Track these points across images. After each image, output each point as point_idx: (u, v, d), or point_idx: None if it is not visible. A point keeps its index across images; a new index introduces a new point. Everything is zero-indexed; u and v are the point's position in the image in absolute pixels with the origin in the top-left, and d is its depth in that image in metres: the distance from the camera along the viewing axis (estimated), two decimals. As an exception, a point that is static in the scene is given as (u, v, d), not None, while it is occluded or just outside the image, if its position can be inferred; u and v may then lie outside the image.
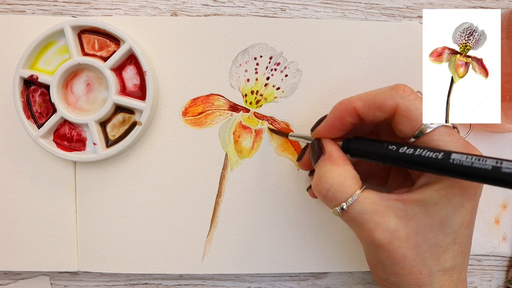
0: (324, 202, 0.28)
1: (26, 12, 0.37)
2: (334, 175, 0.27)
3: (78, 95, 0.34)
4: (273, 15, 0.37)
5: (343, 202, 0.27)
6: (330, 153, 0.29)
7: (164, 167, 0.36)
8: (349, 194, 0.26)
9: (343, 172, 0.27)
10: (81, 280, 0.38)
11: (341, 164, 0.28)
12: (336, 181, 0.27)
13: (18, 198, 0.36)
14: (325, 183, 0.27)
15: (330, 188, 0.27)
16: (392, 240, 0.26)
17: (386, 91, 0.28)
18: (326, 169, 0.28)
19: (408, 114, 0.27)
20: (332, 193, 0.27)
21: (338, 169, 0.27)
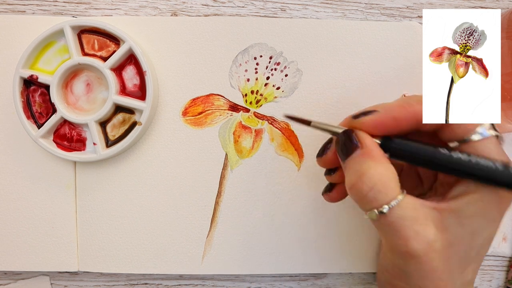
0: (361, 202, 0.25)
1: (26, 12, 0.37)
2: (377, 173, 0.24)
3: (78, 95, 0.34)
4: (273, 15, 0.37)
5: (385, 204, 0.24)
6: (369, 148, 0.26)
7: (164, 167, 0.36)
8: (392, 196, 0.24)
9: (386, 172, 0.25)
10: (81, 280, 0.38)
11: (384, 162, 0.25)
12: (380, 181, 0.24)
13: (18, 198, 0.36)
14: (368, 181, 0.24)
15: (374, 187, 0.24)
16: (429, 252, 0.24)
17: None
18: (367, 165, 0.25)
19: None
20: (374, 194, 0.24)
21: (381, 167, 0.25)
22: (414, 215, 0.24)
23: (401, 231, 0.24)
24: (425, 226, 0.24)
